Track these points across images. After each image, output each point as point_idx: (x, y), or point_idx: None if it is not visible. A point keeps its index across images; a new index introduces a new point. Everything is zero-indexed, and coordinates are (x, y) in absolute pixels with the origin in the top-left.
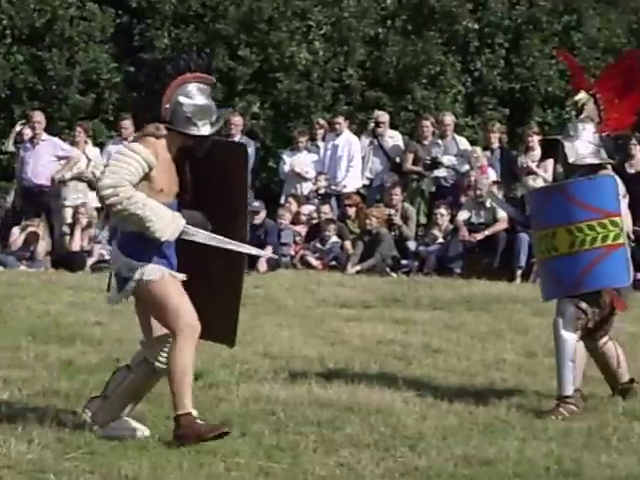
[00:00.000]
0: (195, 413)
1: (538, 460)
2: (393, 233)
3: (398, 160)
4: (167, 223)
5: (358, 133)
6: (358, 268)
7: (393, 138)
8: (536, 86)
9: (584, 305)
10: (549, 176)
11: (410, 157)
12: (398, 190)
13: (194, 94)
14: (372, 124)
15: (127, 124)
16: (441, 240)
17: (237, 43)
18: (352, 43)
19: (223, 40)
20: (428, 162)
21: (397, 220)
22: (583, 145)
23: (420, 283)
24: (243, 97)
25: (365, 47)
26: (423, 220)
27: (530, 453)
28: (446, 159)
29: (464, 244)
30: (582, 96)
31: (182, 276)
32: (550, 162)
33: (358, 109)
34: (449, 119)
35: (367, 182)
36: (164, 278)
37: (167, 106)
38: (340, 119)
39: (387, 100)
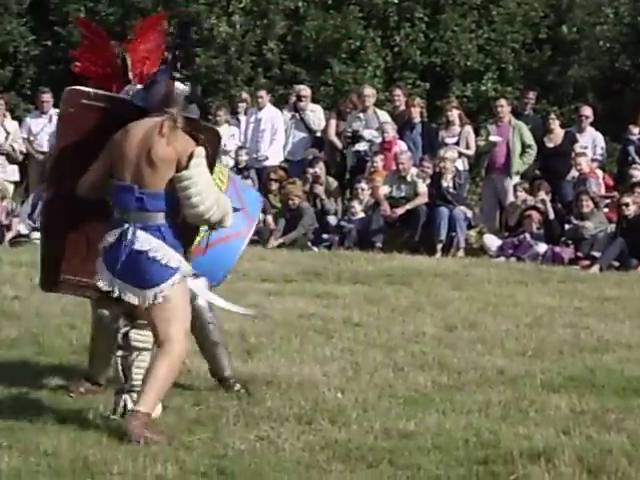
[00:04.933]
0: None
1: (457, 432)
2: (315, 207)
3: (319, 134)
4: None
5: (278, 107)
6: (280, 242)
7: (315, 112)
8: (455, 60)
9: None
10: (471, 151)
11: (333, 124)
12: (321, 164)
13: None
14: (294, 98)
15: (47, 97)
16: (362, 214)
17: None
18: (272, 16)
19: (140, 13)
20: (349, 135)
21: (320, 194)
22: None
23: (341, 257)
24: None
25: (285, 20)
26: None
27: (449, 425)
28: (367, 133)
29: (385, 218)
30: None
31: None
32: (471, 136)
33: (277, 83)
34: (369, 91)
35: (289, 156)
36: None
37: None
38: (262, 92)
39: (305, 75)
